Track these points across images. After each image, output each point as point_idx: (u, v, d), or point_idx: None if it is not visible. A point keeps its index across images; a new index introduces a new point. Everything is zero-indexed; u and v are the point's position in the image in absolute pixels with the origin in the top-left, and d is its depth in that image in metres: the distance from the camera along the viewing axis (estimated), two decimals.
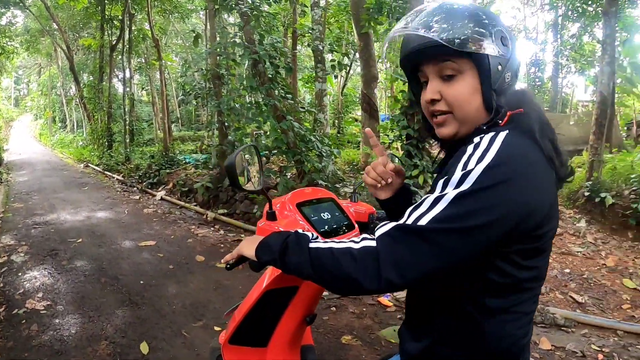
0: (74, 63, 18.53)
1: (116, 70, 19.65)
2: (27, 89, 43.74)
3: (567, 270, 4.54)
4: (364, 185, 1.33)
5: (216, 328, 3.35)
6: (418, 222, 0.83)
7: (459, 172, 0.84)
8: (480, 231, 0.80)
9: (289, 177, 6.95)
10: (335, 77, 17.23)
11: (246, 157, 1.19)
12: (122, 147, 14.87)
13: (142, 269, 4.65)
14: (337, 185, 6.46)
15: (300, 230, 1.02)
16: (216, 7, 7.44)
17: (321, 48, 9.61)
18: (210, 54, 8.15)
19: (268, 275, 1.41)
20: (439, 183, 0.86)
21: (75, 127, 28.13)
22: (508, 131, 0.88)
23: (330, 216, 1.42)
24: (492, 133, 0.88)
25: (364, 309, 3.75)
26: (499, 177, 0.80)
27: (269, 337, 1.43)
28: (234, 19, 9.57)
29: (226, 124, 8.22)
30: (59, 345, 3.07)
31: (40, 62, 31.87)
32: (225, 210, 7.24)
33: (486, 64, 0.90)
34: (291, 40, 13.66)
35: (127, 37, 14.92)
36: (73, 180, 11.36)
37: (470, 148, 0.87)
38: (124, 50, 15.53)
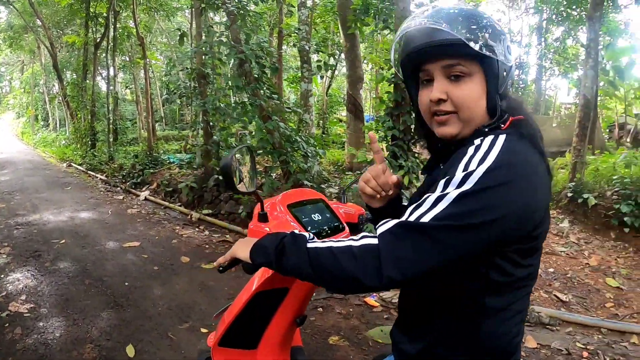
0: (57, 60, 18.16)
1: (100, 68, 19.34)
2: (10, 86, 42.76)
3: (551, 270, 4.61)
4: (352, 186, 1.31)
5: (203, 330, 3.32)
6: (420, 220, 0.84)
7: (460, 173, 0.85)
8: (481, 229, 0.81)
9: (274, 177, 6.93)
10: (321, 77, 17.23)
11: (237, 157, 1.17)
12: (105, 146, 14.63)
13: (127, 270, 4.58)
14: (322, 186, 6.46)
15: (296, 231, 1.02)
16: (202, 5, 7.37)
17: (308, 48, 9.60)
18: (196, 53, 8.07)
19: (258, 277, 1.39)
20: (440, 183, 0.87)
21: (58, 125, 27.63)
22: (507, 134, 0.90)
23: (320, 217, 1.42)
24: (492, 136, 0.90)
25: (350, 309, 3.76)
26: (500, 179, 0.82)
27: (259, 338, 1.42)
28: (219, 18, 9.50)
29: (211, 124, 8.15)
30: (43, 349, 3.01)
31: (23, 59, 31.22)
32: (210, 211, 7.18)
33: (495, 68, 0.93)
34: (277, 40, 13.62)
35: (111, 34, 14.70)
36: (56, 180, 11.15)
37: (471, 149, 0.89)
38: (109, 48, 15.30)
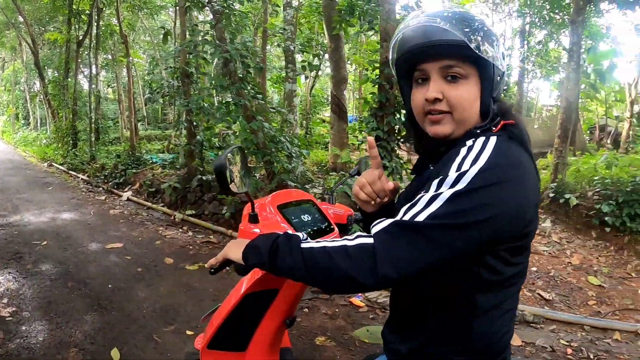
0: (39, 58, 17.82)
1: (82, 66, 18.96)
2: None
3: (534, 269, 4.68)
4: (339, 186, 1.30)
5: (188, 332, 3.28)
6: (415, 219, 0.85)
7: (453, 173, 0.86)
8: (474, 228, 0.82)
9: (258, 177, 6.90)
10: (305, 77, 17.23)
11: (229, 157, 1.17)
12: (87, 145, 14.35)
13: (110, 272, 4.51)
14: (306, 186, 6.44)
15: (290, 232, 1.01)
16: (187, 4, 7.31)
17: (292, 48, 9.59)
18: (180, 51, 7.99)
19: (248, 279, 1.38)
20: (434, 183, 0.88)
21: (39, 124, 27.04)
22: (498, 136, 0.92)
23: (310, 218, 1.42)
24: (484, 137, 0.92)
25: (336, 309, 3.76)
26: (493, 179, 0.84)
27: (249, 340, 1.41)
28: (204, 17, 9.43)
29: (194, 124, 8.07)
30: (26, 354, 2.94)
31: (4, 56, 30.48)
32: (194, 211, 7.10)
33: (490, 72, 0.95)
34: (261, 40, 13.58)
35: (94, 32, 14.45)
36: (37, 180, 10.94)
37: (463, 150, 0.90)
38: (91, 45, 15.04)
